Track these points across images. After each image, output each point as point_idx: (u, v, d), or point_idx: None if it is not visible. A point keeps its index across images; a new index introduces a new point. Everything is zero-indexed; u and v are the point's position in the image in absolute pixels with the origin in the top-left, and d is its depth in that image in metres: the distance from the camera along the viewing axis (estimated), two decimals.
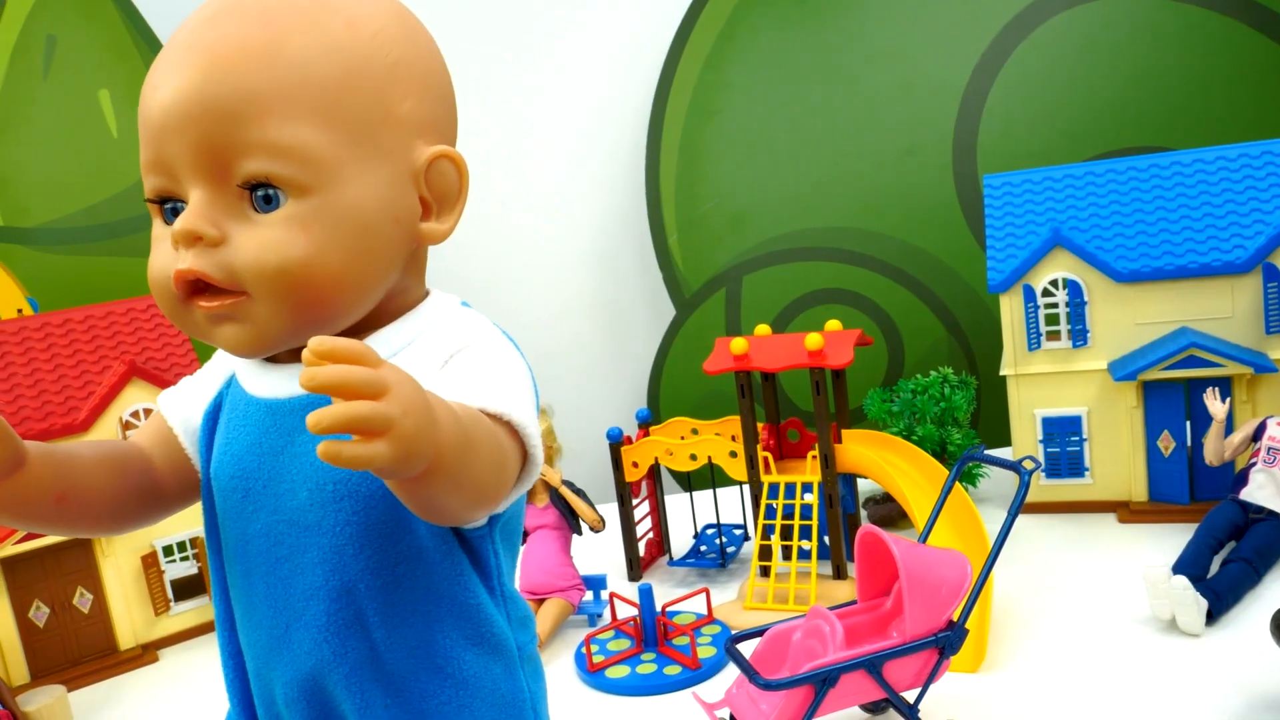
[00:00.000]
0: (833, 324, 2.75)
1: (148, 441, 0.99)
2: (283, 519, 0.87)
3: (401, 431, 0.61)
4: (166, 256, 0.84)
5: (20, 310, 3.17)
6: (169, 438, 0.98)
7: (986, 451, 2.21)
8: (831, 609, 1.98)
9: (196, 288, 0.83)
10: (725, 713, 1.95)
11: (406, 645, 0.87)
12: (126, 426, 2.73)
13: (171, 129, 0.81)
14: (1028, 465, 1.92)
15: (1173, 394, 2.80)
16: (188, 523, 2.86)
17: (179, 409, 0.99)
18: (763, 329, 2.80)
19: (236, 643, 0.95)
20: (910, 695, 1.93)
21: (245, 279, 0.81)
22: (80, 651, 2.74)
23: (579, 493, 2.65)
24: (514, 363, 0.87)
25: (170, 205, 0.85)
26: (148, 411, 2.78)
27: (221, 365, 0.99)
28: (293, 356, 0.88)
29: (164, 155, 0.82)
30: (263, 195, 0.82)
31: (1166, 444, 2.84)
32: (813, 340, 2.55)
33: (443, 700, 0.87)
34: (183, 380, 1.03)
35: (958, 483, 2.42)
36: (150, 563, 2.81)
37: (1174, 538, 2.61)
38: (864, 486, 3.19)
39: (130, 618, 2.81)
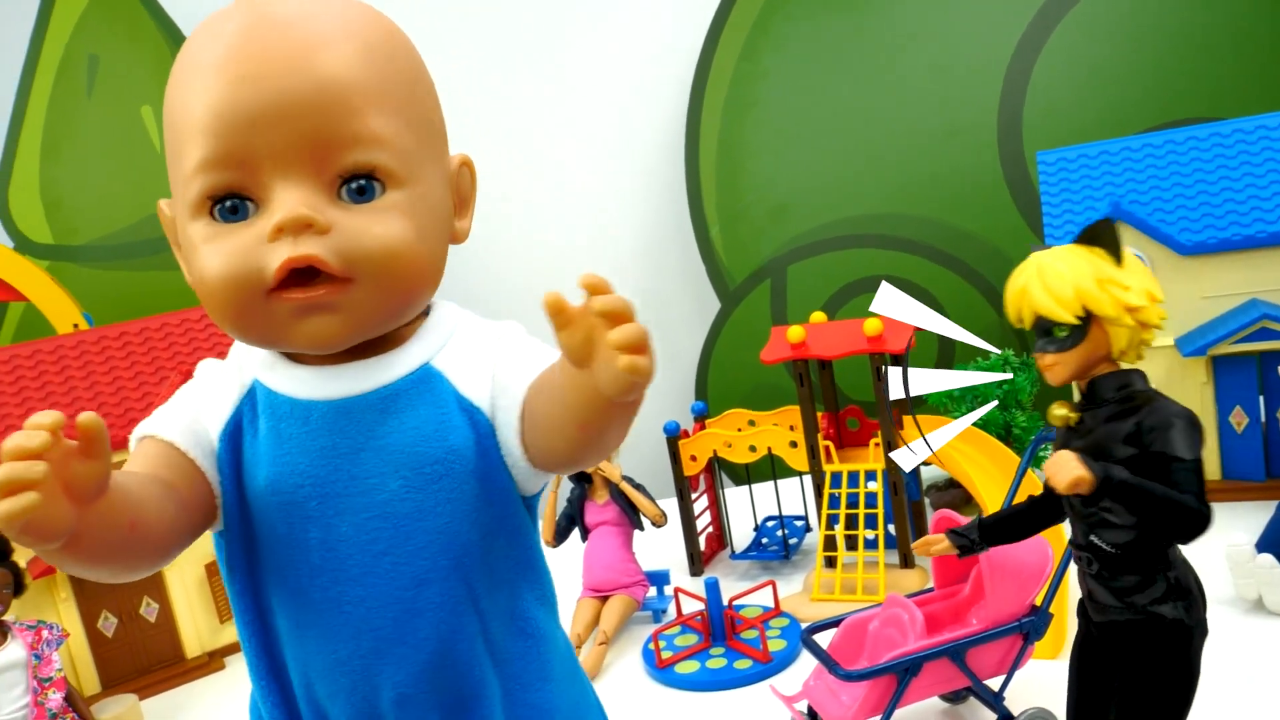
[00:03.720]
0: None
1: (159, 470, 0.86)
2: (374, 514, 0.86)
3: (652, 349, 0.73)
4: (246, 250, 0.80)
5: (76, 325, 3.19)
6: (180, 462, 0.86)
7: None
8: (908, 597, 1.94)
9: (296, 278, 0.81)
10: (804, 705, 1.92)
11: (501, 612, 0.91)
12: None
13: (266, 122, 0.79)
14: None
15: (1245, 368, 2.72)
16: None
17: (184, 434, 0.87)
18: (818, 316, 2.76)
19: (280, 665, 0.90)
20: (994, 684, 1.88)
21: (358, 264, 0.81)
22: (148, 660, 2.75)
23: (639, 488, 2.62)
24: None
25: (228, 203, 0.81)
26: None
27: (226, 382, 0.90)
28: (350, 355, 0.87)
29: (245, 149, 0.80)
30: (357, 186, 0.82)
31: (1239, 420, 2.76)
32: (872, 325, 2.51)
33: (528, 660, 0.92)
34: (167, 408, 0.90)
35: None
36: (213, 571, 2.82)
37: (1251, 516, 2.53)
38: (926, 474, 3.13)
39: (196, 626, 2.83)
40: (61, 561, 0.74)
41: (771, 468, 2.94)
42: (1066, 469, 1.17)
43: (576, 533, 2.71)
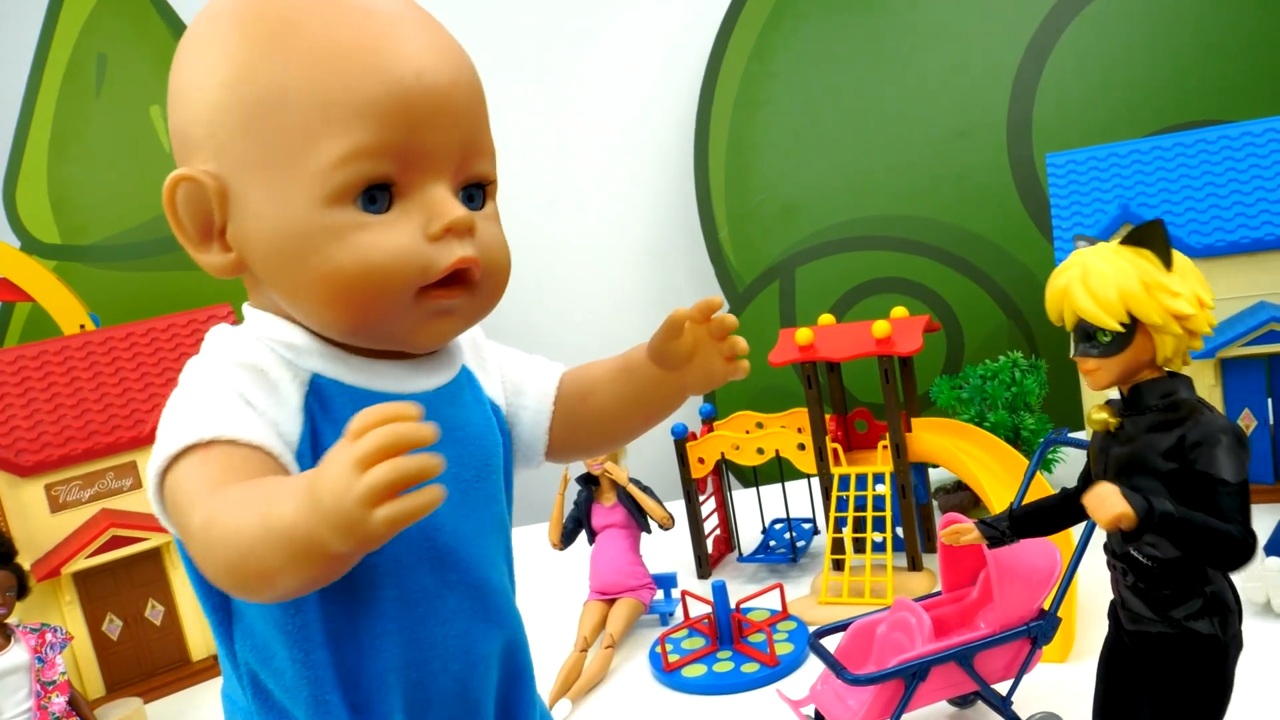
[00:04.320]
0: (899, 311, 2.69)
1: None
2: (459, 502, 0.87)
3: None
4: (407, 246, 0.78)
5: (82, 326, 3.20)
6: (275, 469, 0.77)
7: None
8: (915, 601, 1.93)
9: (445, 279, 0.81)
10: (811, 709, 1.91)
11: (512, 583, 0.97)
12: None
13: (444, 115, 0.79)
14: None
15: (1253, 371, 2.70)
16: None
17: (269, 436, 0.78)
18: (826, 319, 2.75)
19: (353, 676, 0.85)
20: (1002, 687, 1.87)
21: (489, 271, 0.84)
22: (154, 663, 2.75)
23: (647, 490, 2.61)
24: None
25: (370, 193, 0.78)
26: None
27: (279, 377, 0.82)
28: (403, 354, 0.87)
29: (407, 144, 0.78)
30: (468, 194, 0.84)
31: (1248, 423, 2.74)
32: (880, 328, 2.50)
33: (518, 622, 0.97)
34: (220, 408, 0.78)
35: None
36: None
37: (1260, 519, 2.48)
38: (934, 476, 3.12)
39: (202, 628, 2.82)
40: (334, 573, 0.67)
41: (779, 470, 2.93)
42: (1108, 505, 1.14)
43: (584, 535, 2.70)
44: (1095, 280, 1.24)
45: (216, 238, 0.81)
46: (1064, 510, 1.45)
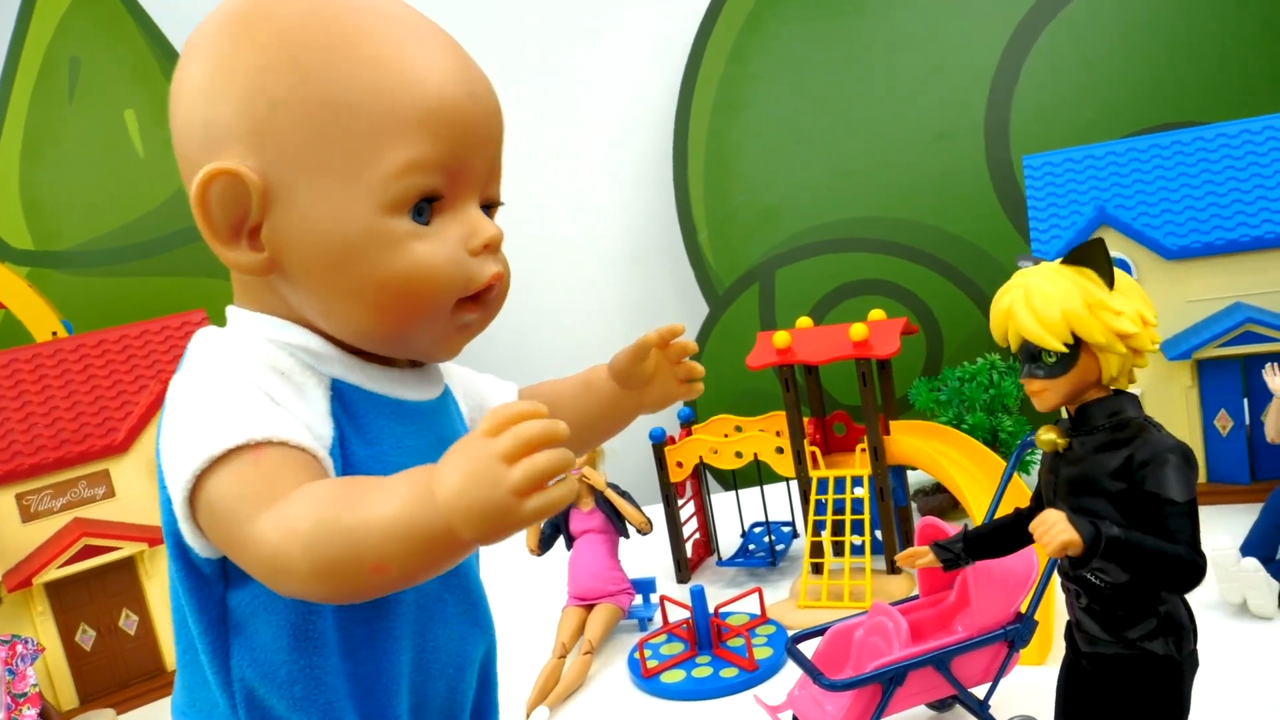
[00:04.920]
0: (876, 313, 2.69)
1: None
2: None
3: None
4: (456, 258, 0.80)
5: (55, 333, 3.16)
6: (321, 474, 0.77)
7: None
8: (893, 604, 1.92)
9: (478, 293, 0.85)
10: (788, 715, 1.90)
11: None
12: None
13: (487, 137, 0.84)
14: None
15: (1229, 371, 2.72)
16: None
17: (313, 440, 0.78)
18: (804, 321, 2.75)
19: (367, 684, 0.86)
20: (979, 691, 1.86)
21: (502, 288, 0.88)
22: (128, 674, 2.72)
23: (624, 495, 2.60)
24: None
25: (420, 204, 0.80)
26: None
27: (304, 381, 0.81)
28: (409, 362, 0.90)
29: (460, 161, 0.81)
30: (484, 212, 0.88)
31: (1224, 423, 2.75)
32: (857, 330, 2.50)
33: (494, 628, 1.02)
34: (254, 409, 0.76)
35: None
36: None
37: (1236, 519, 2.53)
38: (912, 479, 3.13)
39: None
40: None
41: (758, 474, 2.92)
42: (1054, 532, 1.13)
43: (561, 541, 2.69)
44: (1038, 300, 1.23)
45: (247, 235, 0.79)
46: (1018, 530, 1.44)
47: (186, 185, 0.81)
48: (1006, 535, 1.46)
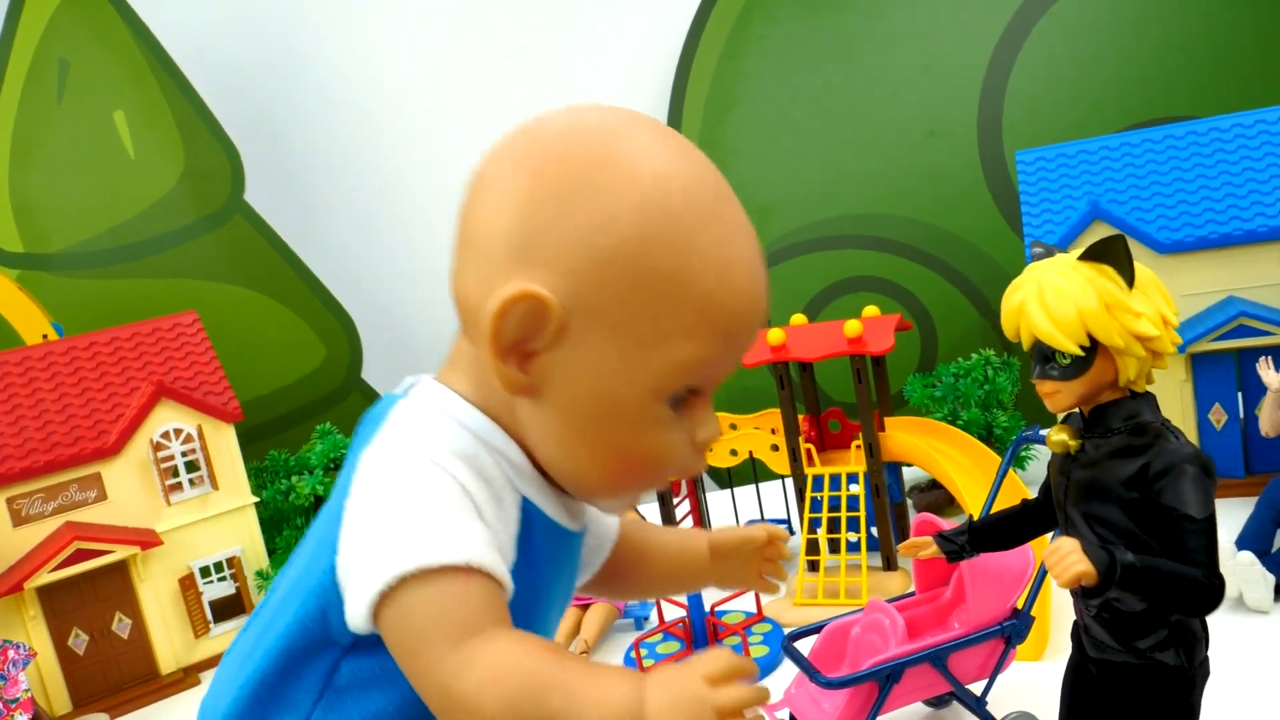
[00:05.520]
0: (870, 310, 2.69)
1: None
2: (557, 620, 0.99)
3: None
4: (684, 448, 0.83)
5: (45, 336, 3.14)
6: (505, 605, 0.80)
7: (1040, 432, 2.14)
8: (889, 601, 1.92)
9: None
10: (785, 713, 1.89)
11: None
12: (157, 448, 2.70)
13: (752, 343, 0.85)
14: None
15: (1223, 365, 2.72)
16: (223, 543, 2.83)
17: (504, 569, 0.80)
18: (798, 318, 2.74)
19: None
20: (976, 688, 1.86)
21: None
22: (121, 678, 2.71)
23: None
24: None
25: (679, 394, 0.82)
26: (178, 432, 2.75)
27: (505, 499, 0.84)
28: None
29: (729, 367, 0.83)
30: None
31: (1218, 417, 2.75)
32: (852, 327, 2.49)
33: None
34: (473, 528, 0.78)
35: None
36: (188, 585, 2.77)
37: (1232, 513, 2.52)
38: (908, 475, 3.12)
39: (170, 641, 2.78)
40: None
41: (753, 471, 2.91)
42: (1068, 563, 1.07)
43: None
44: (1053, 299, 1.17)
45: (521, 356, 0.79)
46: (1024, 522, 1.40)
47: (465, 271, 0.83)
48: (1012, 527, 1.42)
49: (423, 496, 0.76)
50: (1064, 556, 1.08)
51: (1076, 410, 1.26)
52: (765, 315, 0.85)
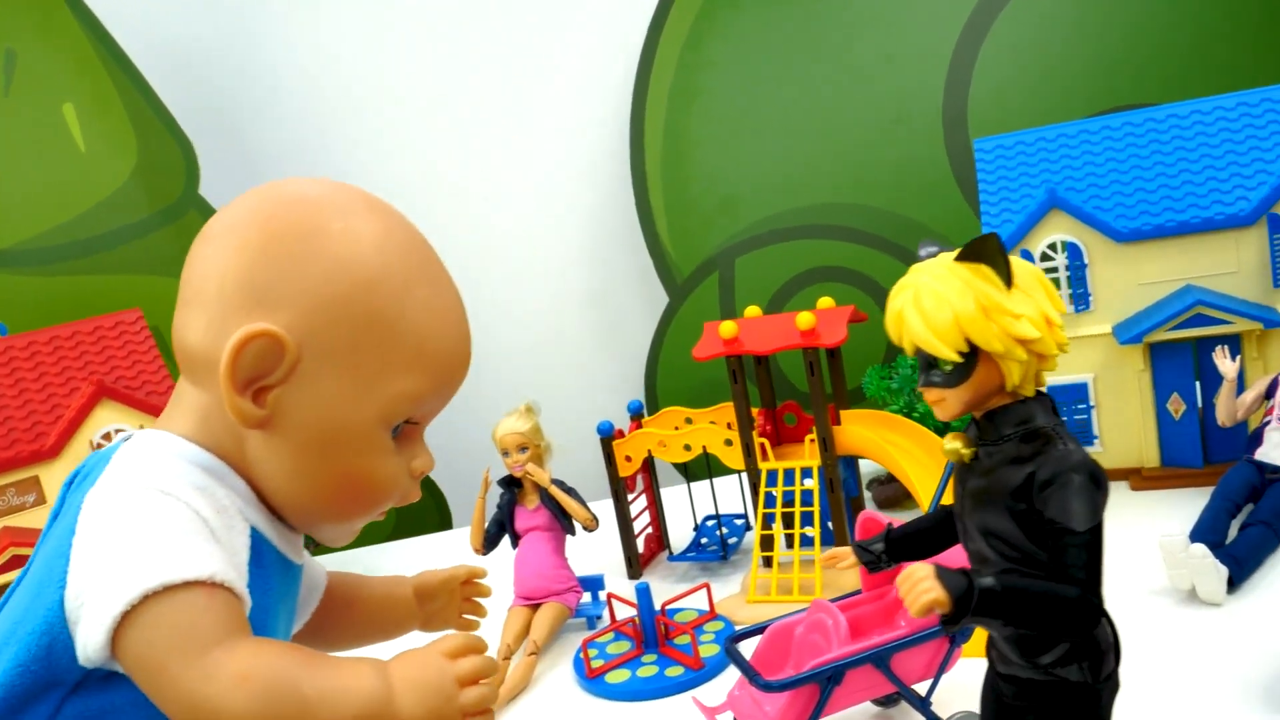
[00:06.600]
0: (825, 301, 2.65)
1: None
2: None
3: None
4: (401, 476, 0.93)
5: None
6: (245, 623, 0.83)
7: None
8: (835, 600, 1.89)
9: None
10: (728, 716, 1.86)
11: None
12: (96, 449, 2.63)
13: (460, 383, 0.96)
14: None
15: (1181, 355, 2.69)
16: None
17: (244, 587, 0.83)
18: (753, 310, 2.70)
19: None
20: (922, 687, 1.83)
21: None
22: None
23: (570, 491, 2.55)
24: None
25: (399, 425, 0.91)
26: (119, 433, 2.69)
27: (235, 528, 0.86)
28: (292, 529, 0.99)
29: (445, 399, 0.95)
30: None
31: (1177, 407, 2.73)
32: (804, 319, 2.45)
33: None
34: (210, 549, 0.81)
35: None
36: None
37: (1190, 503, 2.51)
38: (868, 468, 3.09)
39: None
40: None
41: (708, 466, 2.88)
42: (918, 592, 1.02)
43: (507, 539, 2.63)
44: (929, 304, 1.12)
45: (255, 391, 0.85)
46: (944, 530, 1.34)
47: (191, 319, 0.88)
48: (931, 536, 1.37)
49: (157, 520, 0.79)
50: (916, 584, 1.03)
51: (971, 416, 1.20)
52: (468, 360, 0.96)
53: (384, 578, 1.16)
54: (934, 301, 1.12)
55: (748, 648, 1.86)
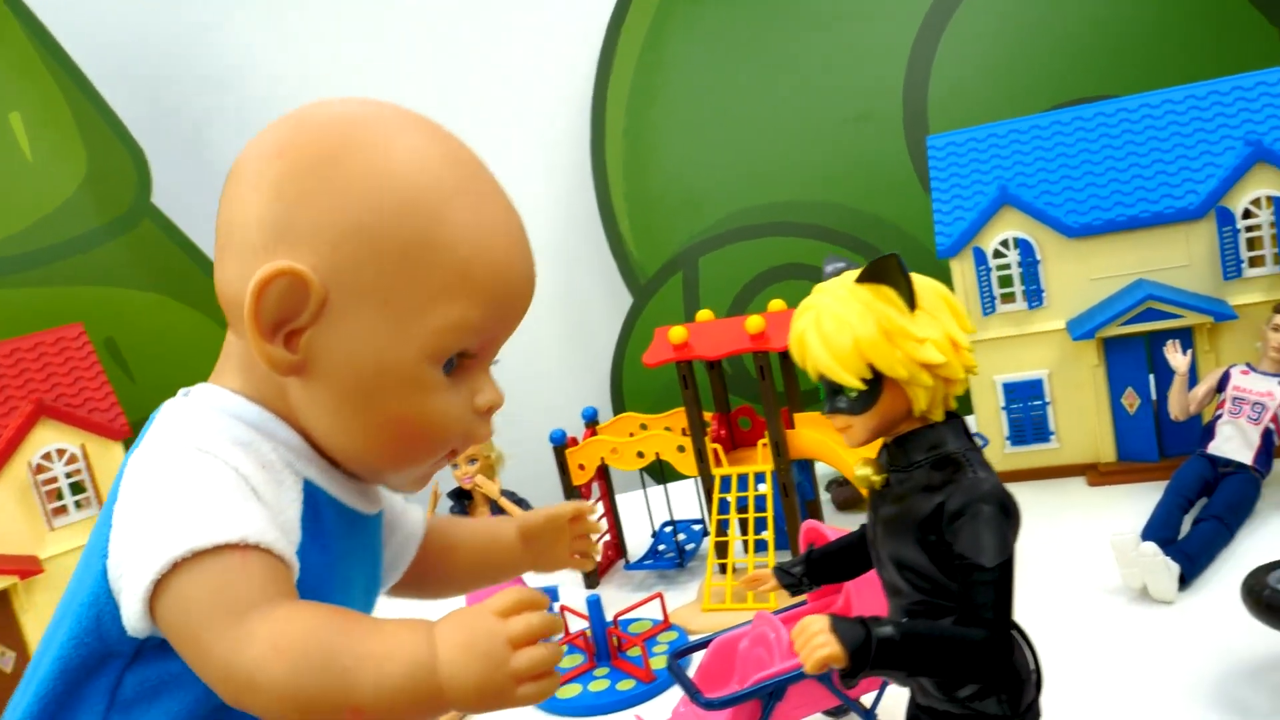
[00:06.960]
0: (776, 304, 2.63)
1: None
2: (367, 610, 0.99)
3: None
4: (464, 415, 0.86)
5: None
6: (291, 585, 0.80)
7: None
8: (780, 611, 1.86)
9: None
10: None
11: None
12: (38, 470, 2.58)
13: (523, 310, 0.88)
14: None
15: (1134, 349, 2.68)
16: None
17: (287, 546, 0.80)
18: (704, 314, 2.67)
19: None
20: (868, 699, 1.81)
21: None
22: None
23: (520, 502, 2.52)
24: None
25: (452, 359, 0.84)
26: (60, 453, 2.63)
27: (283, 481, 0.83)
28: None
29: (502, 330, 0.86)
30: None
31: (1131, 401, 2.72)
32: (753, 323, 2.43)
33: None
34: (250, 508, 0.77)
35: None
36: None
37: (1146, 496, 2.50)
38: (826, 470, 3.07)
39: None
40: None
41: (662, 472, 2.85)
42: (812, 647, 0.96)
43: None
44: (830, 328, 1.08)
45: (286, 334, 0.80)
46: (864, 551, 1.30)
47: (226, 265, 0.82)
48: (851, 557, 1.33)
49: (191, 482, 0.75)
50: (810, 639, 0.98)
51: (883, 441, 1.17)
52: (529, 278, 0.87)
53: (487, 520, 1.14)
54: (835, 325, 1.08)
55: (694, 662, 1.84)
